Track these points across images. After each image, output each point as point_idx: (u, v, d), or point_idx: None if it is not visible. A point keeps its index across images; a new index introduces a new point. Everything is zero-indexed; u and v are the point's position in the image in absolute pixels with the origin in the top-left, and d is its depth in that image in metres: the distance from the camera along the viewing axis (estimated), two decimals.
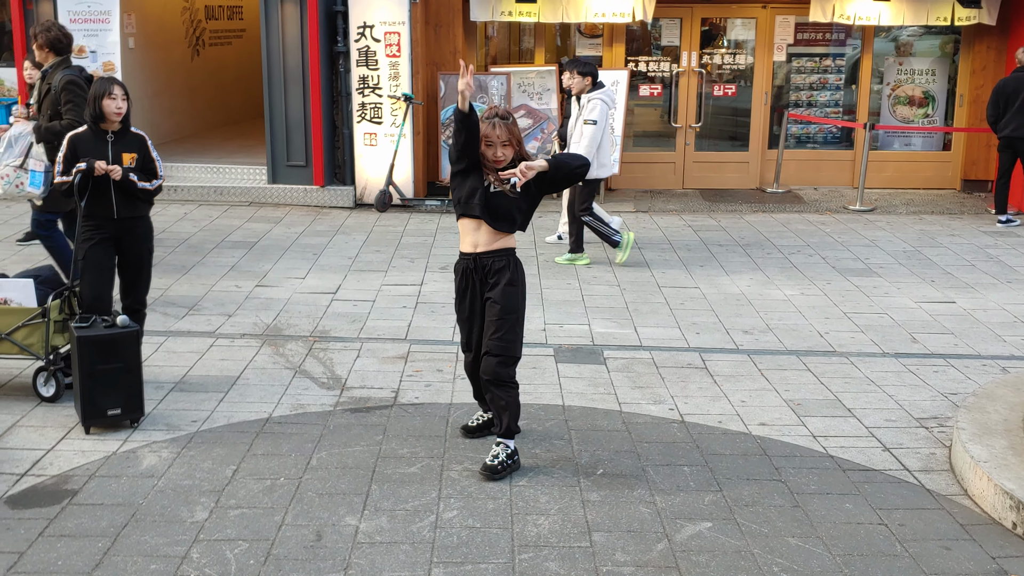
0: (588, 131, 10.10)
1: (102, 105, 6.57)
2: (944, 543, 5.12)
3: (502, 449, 5.76)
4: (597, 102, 10.14)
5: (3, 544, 4.93)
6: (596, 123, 10.09)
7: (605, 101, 10.19)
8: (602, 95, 10.20)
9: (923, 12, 13.74)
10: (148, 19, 15.81)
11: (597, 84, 10.28)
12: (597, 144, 10.11)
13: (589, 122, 10.10)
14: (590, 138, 10.07)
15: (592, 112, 10.12)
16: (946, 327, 8.62)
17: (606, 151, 10.35)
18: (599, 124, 10.11)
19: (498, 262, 5.73)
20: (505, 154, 5.63)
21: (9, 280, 6.82)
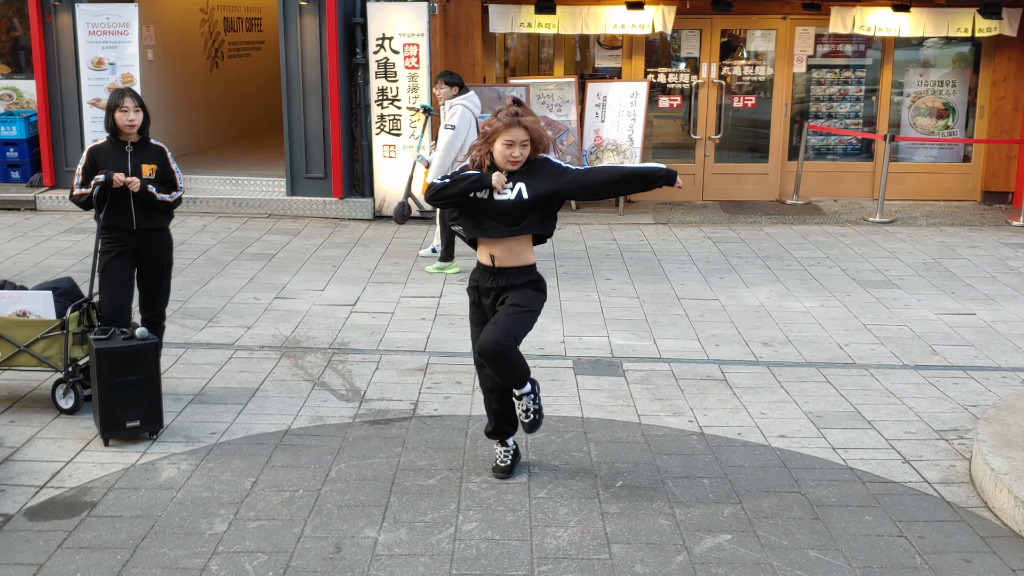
0: (445, 136, 10.19)
1: (114, 118, 6.60)
2: (964, 555, 5.08)
3: (527, 400, 5.55)
4: (459, 107, 10.22)
5: (22, 556, 4.94)
6: (454, 128, 10.15)
7: (467, 107, 10.26)
8: (465, 100, 10.28)
9: (943, 23, 13.69)
10: (167, 31, 15.89)
11: (463, 91, 10.37)
12: (456, 149, 10.15)
13: (448, 127, 10.20)
14: (447, 143, 10.15)
15: (452, 117, 10.21)
16: (966, 339, 8.58)
17: None
18: (458, 129, 10.16)
19: (518, 279, 5.51)
20: (524, 154, 5.43)
21: (28, 292, 6.85)
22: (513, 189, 5.43)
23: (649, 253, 11.56)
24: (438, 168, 10.18)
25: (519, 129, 5.39)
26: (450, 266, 10.63)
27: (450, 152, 10.14)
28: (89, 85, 13.30)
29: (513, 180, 5.44)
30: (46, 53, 13.65)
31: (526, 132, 5.39)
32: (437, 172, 10.22)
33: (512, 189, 5.42)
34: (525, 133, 5.39)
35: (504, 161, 5.42)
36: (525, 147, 5.41)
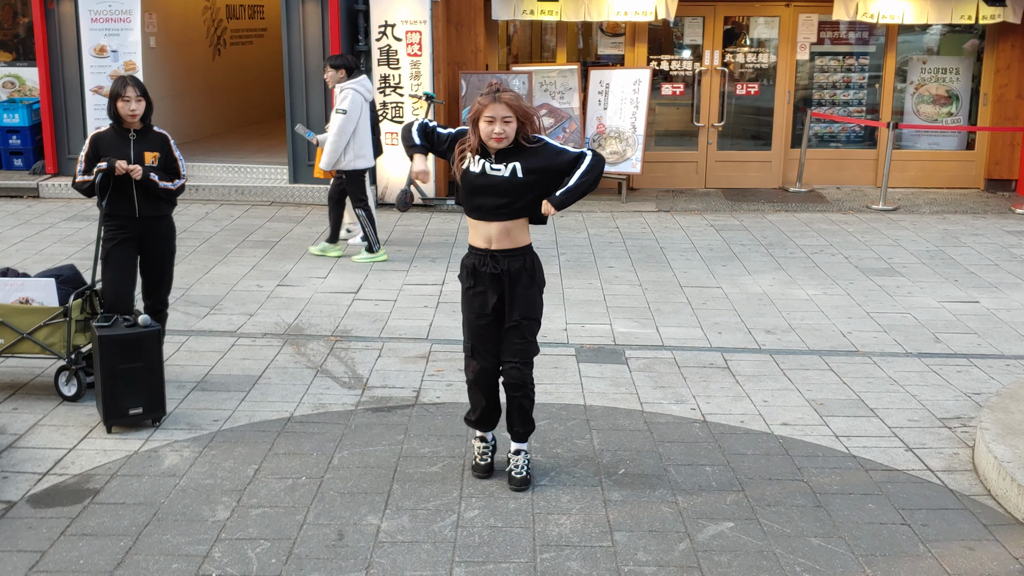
0: (336, 120, 10.14)
1: (116, 107, 6.60)
2: (967, 543, 5.08)
3: (523, 457, 5.65)
4: (349, 91, 10.16)
5: (25, 543, 4.95)
6: (346, 112, 10.11)
7: (358, 91, 10.21)
8: (355, 85, 10.22)
9: (947, 10, 13.65)
10: (169, 18, 15.86)
11: (353, 74, 10.31)
12: (348, 133, 10.13)
13: (339, 111, 10.15)
14: (338, 128, 10.11)
15: (343, 102, 10.15)
16: (969, 327, 8.57)
17: (364, 141, 10.30)
18: (349, 114, 10.11)
19: (515, 262, 5.45)
20: (505, 130, 5.27)
21: (31, 279, 6.85)
22: (507, 167, 5.32)
23: (652, 241, 11.55)
24: (330, 155, 10.20)
25: (499, 105, 5.26)
26: (333, 248, 10.66)
27: (342, 137, 10.13)
28: (91, 72, 13.28)
29: (507, 160, 5.33)
30: (48, 40, 13.63)
31: (507, 108, 5.26)
32: (329, 160, 10.24)
33: (506, 167, 5.32)
34: (506, 109, 5.26)
35: (488, 138, 5.28)
36: (508, 123, 5.26)
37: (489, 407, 5.70)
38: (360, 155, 10.28)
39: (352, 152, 10.19)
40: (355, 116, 10.15)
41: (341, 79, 10.26)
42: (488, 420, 5.75)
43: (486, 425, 5.76)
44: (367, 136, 10.33)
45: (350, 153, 10.18)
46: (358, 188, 10.38)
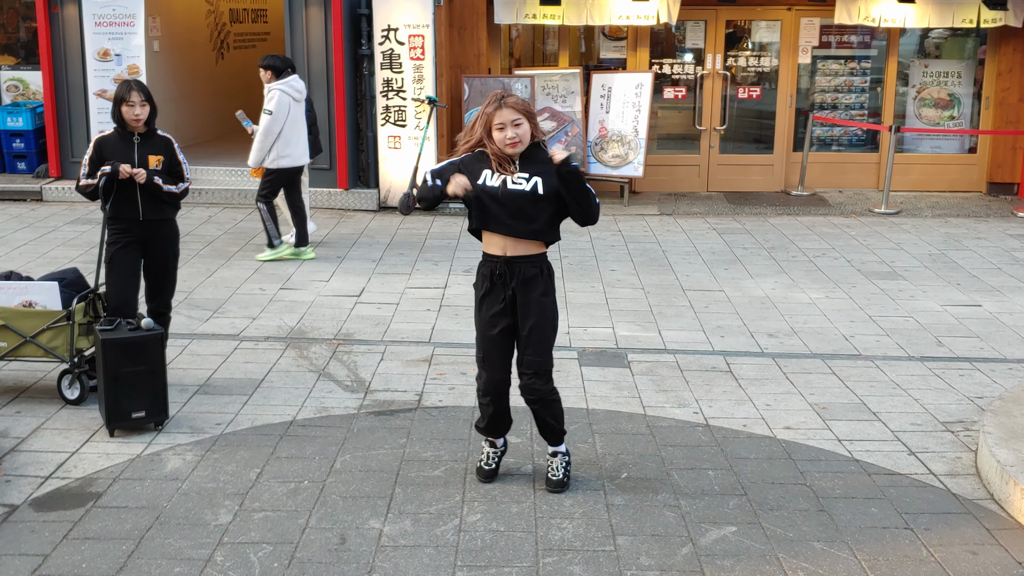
0: (264, 121, 10.29)
1: (120, 111, 6.61)
2: (971, 548, 5.08)
3: (560, 460, 5.63)
4: (276, 92, 10.31)
5: (28, 546, 4.95)
6: (272, 113, 10.24)
7: (285, 91, 10.33)
8: (282, 86, 10.34)
9: (948, 14, 13.65)
10: (173, 22, 15.88)
11: (283, 75, 10.42)
12: (275, 134, 10.27)
13: (266, 112, 10.28)
14: (264, 128, 10.25)
15: (270, 102, 10.31)
16: (972, 330, 8.57)
17: (291, 141, 10.43)
18: (275, 115, 10.26)
19: (530, 269, 5.38)
20: (518, 134, 5.24)
21: (34, 283, 6.86)
22: (529, 182, 5.27)
23: (654, 244, 11.55)
24: (256, 153, 10.35)
25: (505, 110, 5.23)
26: (307, 251, 10.71)
27: (268, 138, 10.27)
28: (95, 76, 13.30)
29: (530, 173, 5.29)
30: (52, 44, 13.65)
31: (513, 111, 5.23)
32: (255, 158, 10.39)
33: (528, 181, 5.28)
34: (512, 112, 5.23)
35: (503, 145, 5.25)
36: (518, 126, 5.24)
37: (498, 416, 5.61)
38: (284, 155, 10.44)
39: (276, 152, 10.35)
40: (281, 117, 10.29)
41: (269, 80, 10.40)
42: (497, 428, 5.68)
43: (495, 432, 5.70)
44: (294, 136, 10.48)
45: (274, 152, 10.37)
46: (271, 185, 10.53)
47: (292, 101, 10.39)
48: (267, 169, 10.48)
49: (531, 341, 5.40)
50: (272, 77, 10.43)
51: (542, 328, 5.42)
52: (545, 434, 5.65)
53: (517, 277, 5.36)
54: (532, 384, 5.44)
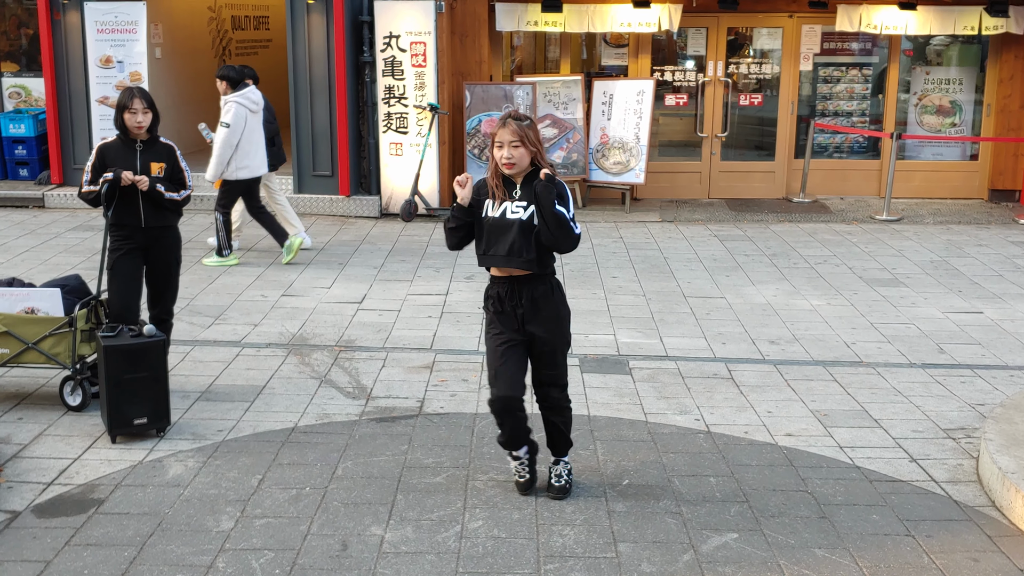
0: (221, 133, 10.30)
1: (123, 118, 6.63)
2: (972, 555, 5.08)
3: (564, 467, 5.66)
4: (232, 104, 10.33)
5: (30, 553, 4.95)
6: (229, 126, 10.26)
7: (241, 103, 10.35)
8: (238, 98, 10.36)
9: (950, 21, 13.67)
10: (175, 29, 15.91)
11: (239, 87, 10.44)
12: (232, 146, 10.27)
13: (223, 124, 10.29)
14: (222, 140, 10.25)
15: (227, 115, 10.32)
16: (973, 337, 8.57)
17: (248, 152, 10.45)
18: (232, 126, 10.26)
19: (539, 287, 5.37)
20: (514, 155, 5.25)
21: (36, 289, 6.86)
22: (527, 210, 5.27)
23: (655, 251, 11.56)
24: (215, 167, 10.36)
25: (505, 129, 5.27)
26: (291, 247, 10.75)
27: (226, 150, 10.28)
28: (97, 83, 13.33)
29: (528, 201, 5.29)
30: (55, 51, 13.68)
31: (511, 132, 5.25)
32: (214, 172, 10.40)
33: (525, 210, 5.27)
34: (511, 133, 5.25)
35: (500, 164, 5.29)
36: (515, 147, 5.25)
37: (515, 430, 5.52)
38: (242, 166, 10.45)
39: (235, 163, 10.38)
40: (238, 129, 10.31)
41: (225, 91, 10.44)
42: (516, 441, 5.59)
43: (515, 445, 5.61)
44: (252, 147, 10.49)
45: (232, 164, 10.38)
46: (228, 196, 10.57)
47: (249, 113, 10.40)
48: (224, 180, 10.50)
49: (546, 357, 5.46)
50: (228, 88, 10.45)
51: (555, 344, 5.45)
52: (554, 444, 5.67)
53: (527, 296, 5.36)
54: (549, 393, 5.54)
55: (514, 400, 5.38)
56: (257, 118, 10.54)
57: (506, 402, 5.38)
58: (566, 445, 5.68)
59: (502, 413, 5.43)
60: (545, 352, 5.44)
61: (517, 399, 5.39)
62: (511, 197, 5.33)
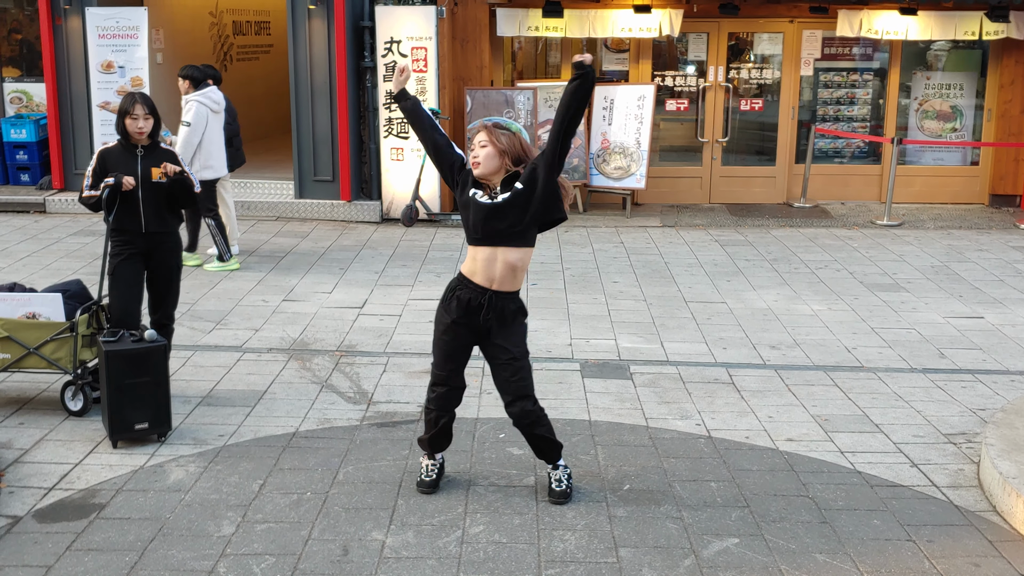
0: (182, 132, 10.32)
1: (124, 124, 6.64)
2: (973, 560, 5.08)
3: (563, 471, 5.66)
4: (193, 104, 10.35)
5: (31, 558, 4.96)
6: (190, 125, 10.28)
7: (203, 102, 10.37)
8: (200, 97, 10.39)
9: (951, 26, 13.68)
10: (176, 34, 15.93)
11: (201, 86, 10.46)
12: (194, 145, 10.30)
13: (184, 124, 10.32)
14: (183, 139, 10.28)
15: (187, 114, 10.35)
16: (974, 342, 8.57)
17: (211, 152, 10.48)
18: (193, 126, 10.29)
19: (511, 305, 5.45)
20: (479, 155, 5.31)
21: (38, 294, 6.87)
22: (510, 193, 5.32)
23: (656, 256, 11.56)
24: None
25: (481, 133, 5.39)
26: (192, 257, 10.78)
27: (188, 149, 10.28)
28: (98, 88, 13.33)
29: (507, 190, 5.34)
30: (56, 56, 13.69)
31: (485, 134, 5.36)
32: None
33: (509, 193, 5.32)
34: (484, 135, 5.36)
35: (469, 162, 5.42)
36: (483, 147, 5.33)
37: (447, 428, 5.70)
38: (207, 166, 10.47)
39: (199, 163, 10.39)
40: (199, 128, 10.32)
41: (187, 90, 10.45)
42: (439, 444, 5.77)
43: (437, 448, 5.79)
44: (214, 147, 10.52)
45: (196, 164, 10.38)
46: (207, 198, 10.54)
47: (210, 112, 10.42)
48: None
49: (511, 367, 5.47)
50: (190, 87, 10.47)
51: (521, 357, 5.50)
52: (544, 454, 5.67)
53: (495, 311, 5.42)
54: (524, 407, 5.49)
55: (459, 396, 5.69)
56: (218, 118, 10.56)
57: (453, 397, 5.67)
58: (556, 449, 5.65)
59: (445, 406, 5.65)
60: (515, 365, 5.47)
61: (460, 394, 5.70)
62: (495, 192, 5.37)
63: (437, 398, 5.62)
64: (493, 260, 5.36)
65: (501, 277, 5.37)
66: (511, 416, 5.55)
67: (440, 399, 5.62)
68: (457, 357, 5.57)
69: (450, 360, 5.57)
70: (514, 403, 5.49)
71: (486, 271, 5.38)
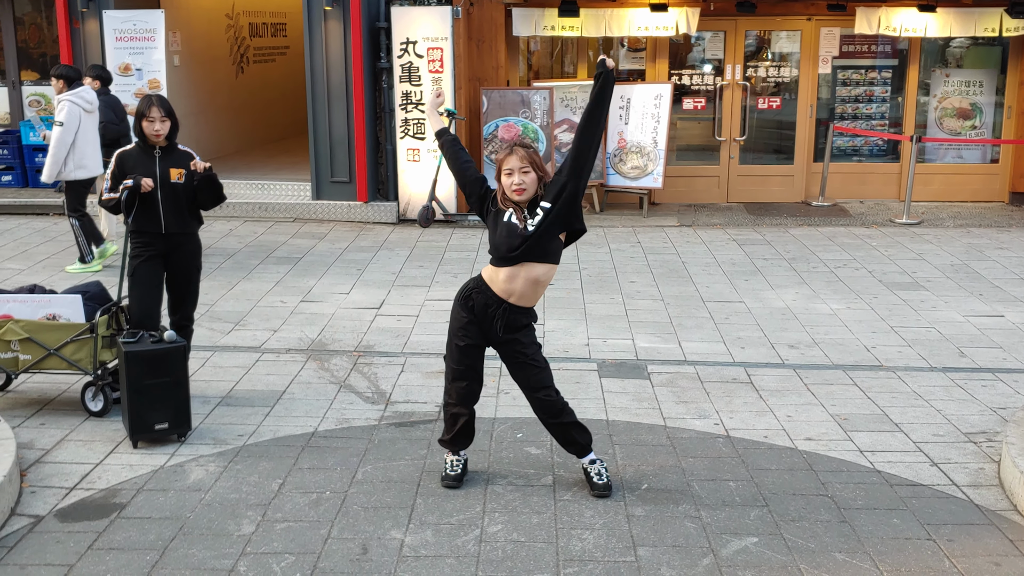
0: (55, 132, 10.30)
1: (141, 126, 6.67)
2: (994, 559, 5.05)
3: (600, 464, 5.71)
4: (65, 103, 10.34)
5: (53, 557, 4.98)
6: (62, 124, 10.26)
7: (75, 102, 10.35)
8: (72, 96, 10.36)
9: (970, 23, 13.62)
10: (193, 37, 15.98)
11: (74, 85, 10.45)
12: (68, 145, 10.28)
13: (56, 123, 10.30)
14: (56, 139, 10.26)
15: (60, 113, 10.33)
16: (994, 341, 8.53)
17: (85, 152, 10.46)
18: (66, 125, 10.27)
19: (523, 319, 5.53)
20: (525, 180, 5.32)
21: (58, 296, 6.90)
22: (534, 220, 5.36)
23: (673, 255, 11.55)
24: (50, 167, 10.35)
25: (512, 156, 5.36)
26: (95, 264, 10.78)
27: (60, 148, 10.29)
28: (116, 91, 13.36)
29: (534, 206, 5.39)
30: (74, 59, 13.75)
31: (521, 158, 5.34)
32: (50, 172, 10.40)
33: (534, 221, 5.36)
34: (520, 159, 5.34)
35: (509, 190, 5.37)
36: (525, 173, 5.34)
37: (467, 426, 5.77)
38: (80, 165, 10.47)
39: (72, 163, 10.39)
40: (72, 127, 10.32)
41: (62, 90, 10.46)
42: (461, 442, 5.83)
43: (459, 446, 5.85)
44: (87, 147, 10.51)
45: (70, 164, 10.39)
46: (75, 198, 10.60)
47: (83, 112, 10.41)
48: (66, 182, 10.50)
49: (531, 365, 5.56)
50: (64, 87, 10.46)
51: (535, 350, 5.59)
52: (573, 444, 5.71)
53: (505, 323, 5.50)
54: (548, 397, 5.57)
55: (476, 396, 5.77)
56: (91, 118, 10.56)
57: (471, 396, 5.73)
58: (587, 437, 5.72)
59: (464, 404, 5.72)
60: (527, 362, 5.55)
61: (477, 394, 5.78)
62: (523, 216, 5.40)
63: (455, 392, 5.69)
64: (515, 276, 5.43)
65: (521, 292, 5.44)
66: (535, 408, 5.62)
67: (458, 393, 5.68)
68: (471, 354, 5.63)
69: (465, 356, 5.62)
70: (535, 395, 5.57)
71: (507, 284, 5.45)
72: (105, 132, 10.82)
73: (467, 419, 5.72)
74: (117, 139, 10.95)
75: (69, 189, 10.54)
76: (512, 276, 5.42)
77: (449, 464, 5.83)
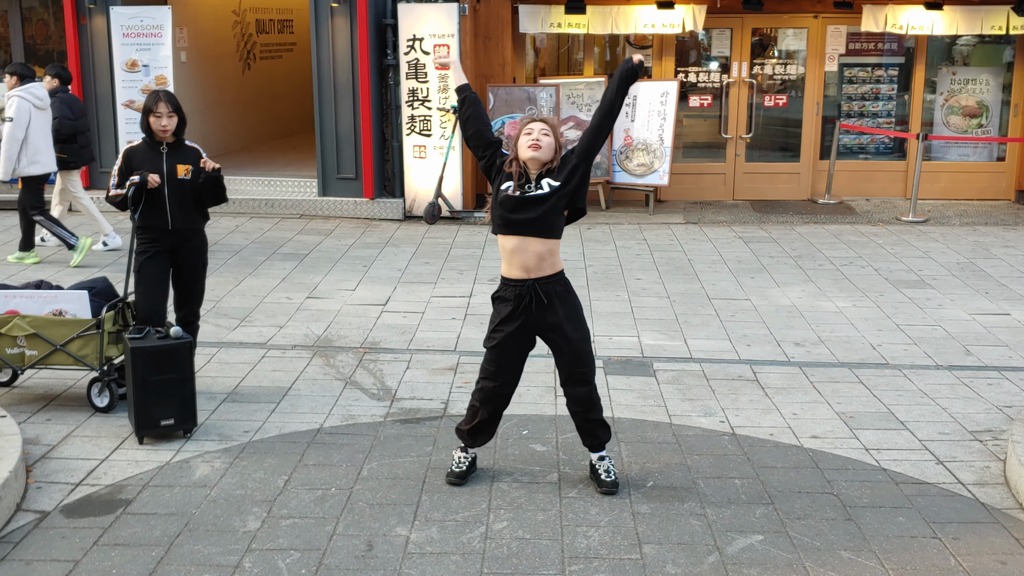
0: (5, 129, 10.34)
1: (149, 122, 6.67)
2: (999, 557, 5.05)
3: (608, 462, 5.74)
4: (15, 99, 10.36)
5: (58, 552, 4.99)
6: (12, 120, 10.29)
7: (25, 97, 10.37)
8: (22, 92, 10.38)
9: (977, 21, 13.59)
10: (200, 33, 15.99)
11: (25, 82, 10.47)
12: (19, 141, 10.31)
13: (7, 119, 10.33)
14: (8, 136, 10.29)
15: (10, 109, 10.36)
16: (1000, 339, 8.52)
17: (37, 148, 10.47)
18: (16, 121, 10.30)
19: (557, 287, 5.52)
20: (543, 140, 5.44)
21: (64, 292, 6.91)
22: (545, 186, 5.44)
23: (679, 253, 11.54)
24: (4, 164, 10.35)
25: (536, 122, 5.55)
26: (30, 255, 10.81)
27: (12, 144, 10.32)
28: (123, 87, 13.41)
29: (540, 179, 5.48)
30: (81, 55, 13.78)
31: (543, 123, 5.54)
32: (3, 169, 10.39)
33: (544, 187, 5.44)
34: (543, 124, 5.54)
35: (525, 147, 5.45)
36: (545, 135, 5.48)
37: (487, 424, 5.80)
38: (34, 161, 10.49)
39: (25, 159, 10.41)
40: (23, 123, 10.35)
41: (13, 86, 10.48)
42: (478, 439, 5.84)
43: (475, 441, 5.85)
44: (40, 143, 10.52)
45: (24, 160, 10.41)
46: (32, 195, 10.61)
47: (33, 108, 10.42)
48: (23, 179, 10.53)
49: (575, 357, 5.58)
50: (17, 83, 10.49)
51: (581, 342, 5.60)
52: (592, 438, 5.75)
53: (542, 298, 5.50)
54: (584, 391, 5.63)
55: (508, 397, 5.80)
56: (43, 114, 10.57)
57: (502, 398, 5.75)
58: (607, 430, 5.77)
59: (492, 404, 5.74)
60: (577, 351, 5.58)
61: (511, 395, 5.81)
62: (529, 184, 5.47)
63: (480, 391, 5.72)
64: (523, 250, 5.45)
65: (536, 265, 5.46)
66: (568, 398, 5.68)
67: (483, 392, 5.70)
68: (506, 355, 5.64)
69: (500, 357, 5.65)
70: (573, 387, 5.62)
71: (521, 262, 5.47)
72: (60, 128, 10.84)
73: (484, 418, 5.74)
74: (73, 135, 11.01)
75: (25, 186, 10.60)
76: (518, 250, 5.46)
77: (456, 460, 5.84)
